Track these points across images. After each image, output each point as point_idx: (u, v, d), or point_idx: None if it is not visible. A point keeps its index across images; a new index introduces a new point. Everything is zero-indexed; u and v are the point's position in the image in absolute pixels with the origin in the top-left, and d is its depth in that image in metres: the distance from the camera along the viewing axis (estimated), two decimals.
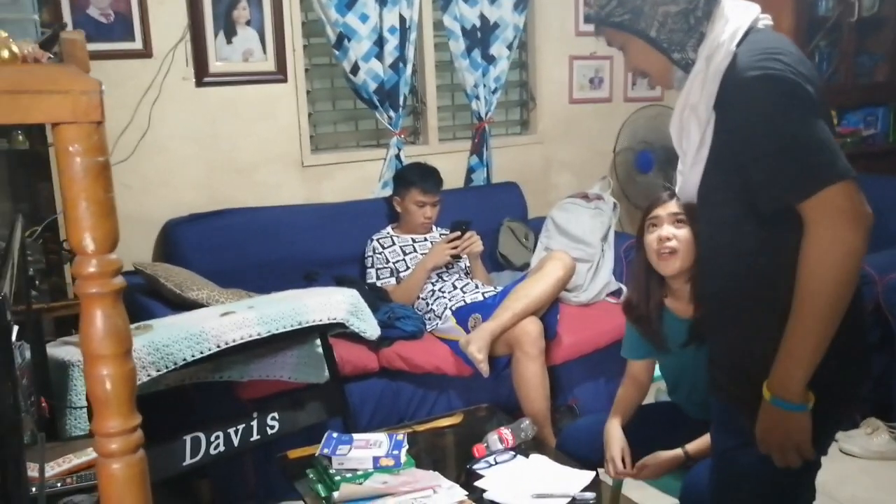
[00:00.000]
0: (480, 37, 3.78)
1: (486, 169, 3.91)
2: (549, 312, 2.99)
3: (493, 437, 2.12)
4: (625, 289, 3.44)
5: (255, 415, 2.50)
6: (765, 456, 1.41)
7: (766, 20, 1.46)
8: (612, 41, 1.53)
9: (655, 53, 1.47)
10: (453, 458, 2.13)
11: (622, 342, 2.21)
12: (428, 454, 2.18)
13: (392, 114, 3.61)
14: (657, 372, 2.21)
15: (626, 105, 4.30)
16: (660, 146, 3.89)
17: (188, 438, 2.20)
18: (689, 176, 1.51)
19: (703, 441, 1.98)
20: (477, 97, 3.82)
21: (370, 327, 2.74)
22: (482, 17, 3.77)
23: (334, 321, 2.59)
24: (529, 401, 2.85)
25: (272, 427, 2.57)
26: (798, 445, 1.37)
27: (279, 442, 2.47)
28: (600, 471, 2.09)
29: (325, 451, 2.02)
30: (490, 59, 3.83)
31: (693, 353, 2.04)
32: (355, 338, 2.88)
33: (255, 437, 2.50)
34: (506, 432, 2.13)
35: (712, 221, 1.50)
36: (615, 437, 2.08)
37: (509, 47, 3.87)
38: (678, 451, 2.01)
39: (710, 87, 1.39)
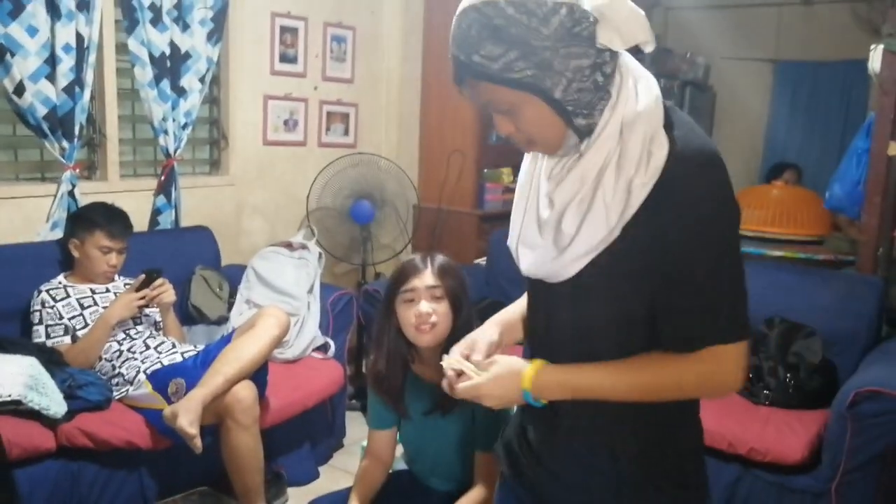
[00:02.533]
0: (170, 66, 3.44)
1: (174, 211, 3.55)
2: (258, 373, 2.74)
3: None
4: (331, 343, 3.32)
5: None
6: None
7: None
8: (491, 101, 1.18)
9: (554, 117, 1.16)
10: None
11: (367, 413, 2.08)
12: None
13: (66, 144, 3.12)
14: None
15: (320, 150, 4.22)
16: (374, 196, 3.87)
17: None
18: (563, 262, 1.21)
19: None
20: (165, 132, 3.46)
21: (54, 403, 2.31)
22: (172, 44, 3.44)
23: (8, 399, 2.12)
24: (242, 474, 2.58)
25: None
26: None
27: None
28: None
29: None
30: (181, 92, 3.51)
31: (437, 421, 1.98)
32: (23, 412, 2.40)
33: None
34: None
35: (587, 315, 1.26)
36: None
37: (202, 80, 3.57)
38: None
39: (642, 178, 1.14)
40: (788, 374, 2.83)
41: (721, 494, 2.69)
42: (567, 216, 1.20)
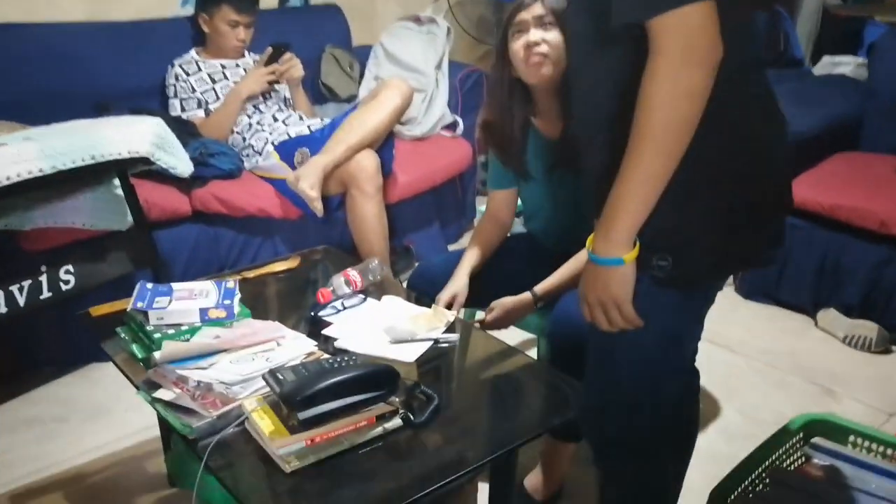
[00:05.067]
0: None
1: None
2: (383, 147, 2.70)
3: (339, 280, 1.85)
4: (460, 121, 3.22)
5: (43, 269, 2.09)
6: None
7: None
8: None
9: None
10: (295, 306, 1.85)
11: (488, 172, 1.99)
12: (265, 303, 1.89)
13: None
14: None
15: None
16: None
17: None
18: None
19: (554, 279, 1.82)
20: None
21: (181, 162, 2.35)
22: None
23: (136, 156, 2.18)
24: (367, 243, 2.60)
25: (66, 282, 2.18)
26: (618, 303, 1.15)
27: (80, 300, 2.08)
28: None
29: (140, 304, 1.66)
30: None
31: (558, 178, 1.87)
32: (162, 177, 2.49)
33: (46, 294, 2.11)
34: (353, 274, 1.87)
35: (568, 35, 1.26)
36: (454, 282, 1.89)
37: None
38: (526, 295, 1.83)
39: None
40: None
41: (867, 276, 2.48)
42: None
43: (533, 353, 2.21)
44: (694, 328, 1.32)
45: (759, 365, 2.43)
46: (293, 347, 1.60)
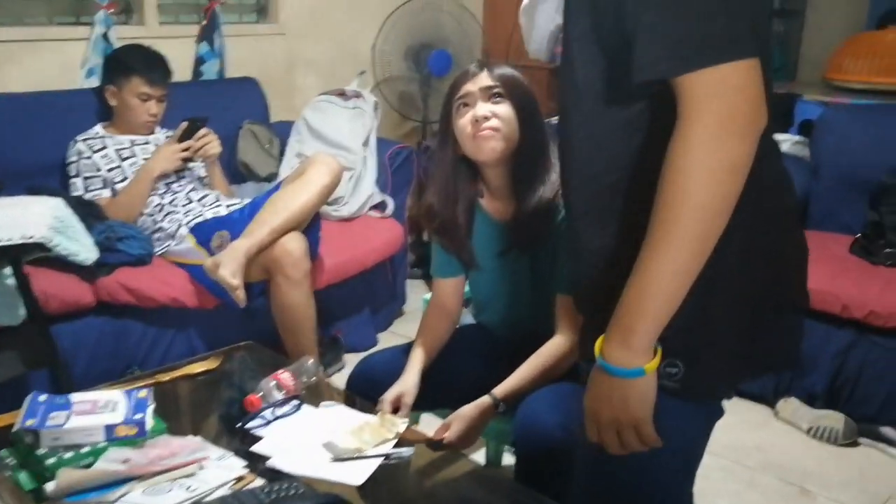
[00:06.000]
0: None
1: (219, 61, 3.26)
2: (309, 229, 2.50)
3: (269, 384, 1.62)
4: (390, 201, 3.05)
5: None
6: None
7: None
8: None
9: None
10: (219, 417, 1.60)
11: (431, 259, 1.81)
12: (183, 413, 1.64)
13: None
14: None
15: None
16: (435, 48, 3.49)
17: None
18: (538, 17, 1.05)
19: (515, 380, 1.61)
20: None
21: (84, 248, 2.11)
22: None
23: (31, 241, 1.92)
24: (294, 334, 2.38)
25: None
26: (636, 423, 0.97)
27: None
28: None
29: (30, 421, 1.39)
30: None
31: (510, 264, 1.71)
32: (62, 264, 2.22)
33: None
34: (285, 376, 1.64)
35: (567, 87, 1.03)
36: (402, 381, 1.67)
37: None
38: (485, 400, 1.59)
39: None
40: None
41: (829, 364, 2.39)
42: None
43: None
44: (704, 445, 1.14)
45: (726, 463, 2.27)
46: (219, 471, 1.36)
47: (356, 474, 1.37)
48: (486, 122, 1.56)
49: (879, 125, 2.81)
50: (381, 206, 3.04)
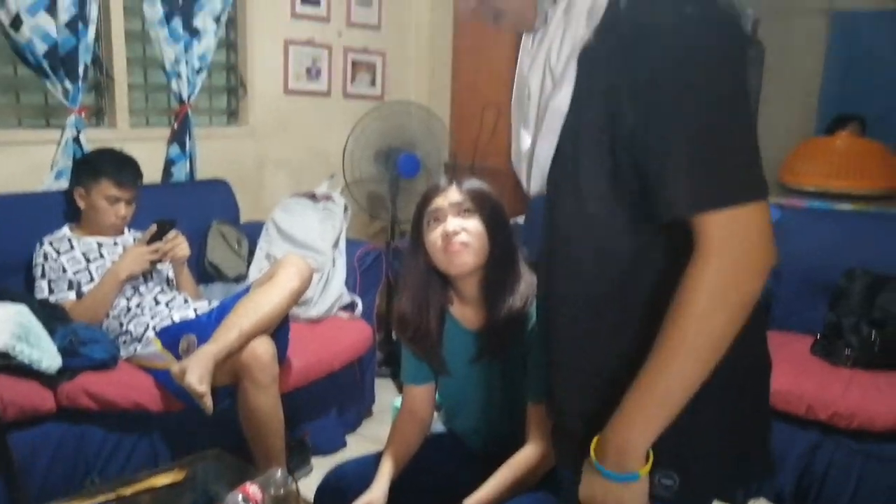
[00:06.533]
0: (182, 3, 3.17)
1: (189, 162, 3.29)
2: (278, 332, 2.48)
3: (235, 499, 1.58)
4: (359, 301, 3.05)
5: None
6: None
7: None
8: None
9: None
10: None
11: (402, 365, 1.81)
12: None
13: (69, 85, 2.86)
14: None
15: (345, 101, 3.93)
16: (403, 151, 3.57)
17: None
18: (538, 153, 1.05)
19: (489, 490, 1.59)
20: (178, 75, 3.19)
21: (46, 355, 2.07)
22: None
23: None
24: (262, 440, 2.33)
25: None
26: None
27: None
28: None
29: None
30: (194, 32, 3.23)
31: (481, 371, 1.71)
32: (22, 370, 2.17)
33: None
34: (253, 489, 1.60)
35: (568, 211, 1.04)
36: (370, 491, 1.65)
37: (217, 20, 3.29)
38: None
39: (576, 28, 0.98)
40: (874, 331, 2.51)
41: (796, 463, 2.40)
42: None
43: None
44: None
45: None
46: None
47: None
48: (456, 236, 1.59)
49: (834, 230, 2.91)
50: (350, 307, 3.04)
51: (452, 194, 1.64)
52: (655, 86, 0.91)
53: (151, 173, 3.12)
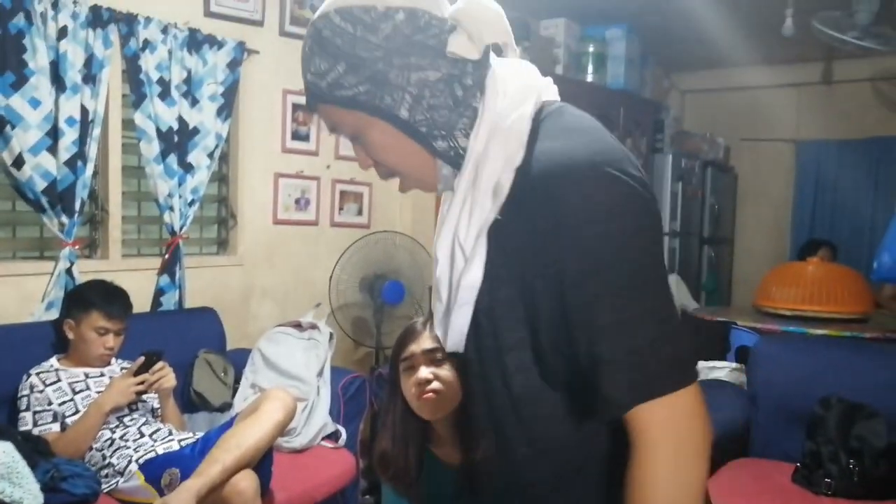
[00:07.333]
0: (178, 141, 3.31)
1: (178, 291, 3.36)
2: (261, 464, 2.48)
3: None
4: (342, 430, 3.06)
5: None
6: None
7: (550, 89, 1.05)
8: (337, 125, 1.02)
9: (408, 142, 1.00)
10: None
11: (382, 501, 1.83)
12: None
13: (65, 219, 2.96)
14: None
15: (333, 230, 4.05)
16: (388, 277, 3.66)
17: None
18: (454, 321, 1.05)
19: None
20: (171, 208, 3.30)
21: (27, 495, 2.06)
22: (181, 119, 3.32)
23: None
24: None
25: None
26: None
27: None
28: None
29: None
30: (188, 167, 3.37)
31: None
32: None
33: None
34: None
35: (496, 388, 1.03)
36: None
37: (210, 156, 3.44)
38: None
39: (483, 204, 0.97)
40: (852, 461, 2.54)
41: None
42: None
43: None
44: None
45: None
46: None
47: None
48: (429, 384, 1.65)
49: (809, 357, 2.96)
50: (334, 436, 3.04)
51: (425, 341, 1.70)
52: (575, 269, 0.88)
53: (141, 303, 3.18)
